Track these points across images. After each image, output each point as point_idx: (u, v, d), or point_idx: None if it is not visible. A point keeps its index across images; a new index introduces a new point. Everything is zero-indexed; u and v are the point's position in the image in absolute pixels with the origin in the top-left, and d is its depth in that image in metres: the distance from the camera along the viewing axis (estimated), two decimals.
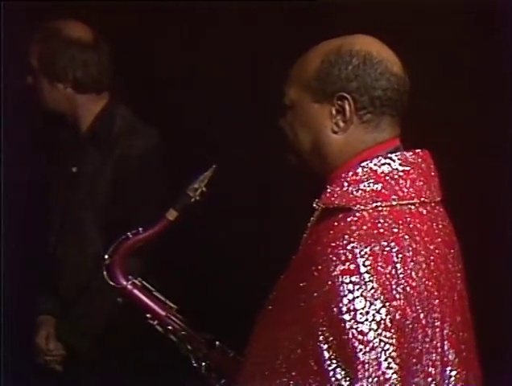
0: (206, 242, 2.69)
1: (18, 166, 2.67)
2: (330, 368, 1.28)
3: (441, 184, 1.46)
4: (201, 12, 2.66)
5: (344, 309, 1.27)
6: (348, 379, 1.27)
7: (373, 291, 1.28)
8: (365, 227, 1.32)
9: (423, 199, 1.39)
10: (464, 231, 1.50)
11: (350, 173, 1.39)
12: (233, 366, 1.67)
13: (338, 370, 1.28)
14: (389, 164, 1.39)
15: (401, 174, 1.39)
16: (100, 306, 2.28)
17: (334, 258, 1.30)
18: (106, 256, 1.78)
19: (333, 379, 1.28)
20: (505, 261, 2.14)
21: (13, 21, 2.44)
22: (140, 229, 1.77)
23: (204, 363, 1.72)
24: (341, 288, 1.28)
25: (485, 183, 2.19)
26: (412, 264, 1.33)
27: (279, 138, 1.50)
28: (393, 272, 1.31)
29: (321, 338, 1.29)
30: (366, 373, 1.26)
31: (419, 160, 1.42)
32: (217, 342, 1.73)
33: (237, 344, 1.62)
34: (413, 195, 1.38)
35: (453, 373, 1.38)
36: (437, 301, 1.36)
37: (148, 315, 1.77)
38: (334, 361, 1.28)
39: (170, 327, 1.75)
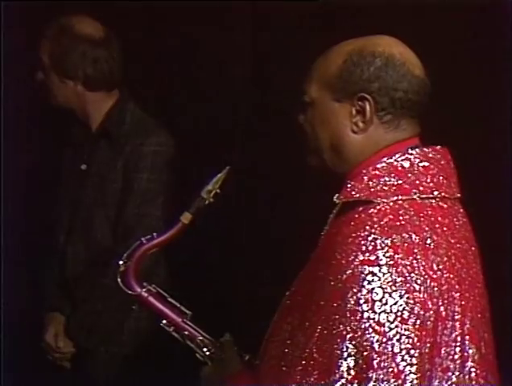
0: (220, 244, 2.68)
1: (26, 164, 2.68)
2: (337, 358, 1.28)
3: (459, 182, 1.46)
4: (209, 12, 2.66)
5: (362, 299, 1.28)
6: (352, 372, 1.27)
7: (391, 283, 1.28)
8: (386, 219, 1.33)
9: (443, 194, 1.40)
10: (480, 230, 1.50)
11: (370, 168, 1.40)
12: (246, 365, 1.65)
13: (343, 361, 1.27)
14: (409, 159, 1.40)
15: (421, 169, 1.40)
16: (109, 304, 2.27)
17: (354, 248, 1.31)
18: (121, 263, 1.77)
19: (337, 370, 1.27)
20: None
21: (13, 21, 2.44)
22: (154, 234, 1.76)
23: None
24: (360, 278, 1.28)
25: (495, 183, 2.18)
26: (433, 256, 1.33)
27: (297, 136, 1.51)
28: (414, 264, 1.31)
29: (333, 327, 1.29)
30: (382, 364, 1.26)
31: (439, 156, 1.43)
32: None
33: (251, 347, 1.62)
34: (433, 189, 1.39)
35: (473, 369, 1.37)
36: (458, 294, 1.36)
37: (164, 322, 1.75)
38: (343, 351, 1.28)
39: (186, 333, 1.74)
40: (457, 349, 1.35)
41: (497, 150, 2.19)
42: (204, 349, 1.72)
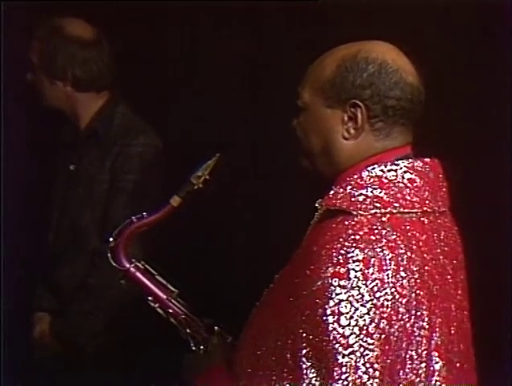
0: (208, 229, 2.70)
1: (15, 164, 2.68)
2: (304, 366, 1.31)
3: (450, 193, 1.45)
4: (204, 12, 2.64)
5: (329, 311, 1.29)
6: (319, 379, 1.30)
7: (360, 296, 1.30)
8: (361, 233, 1.33)
9: (425, 208, 1.39)
10: (472, 238, 1.50)
11: (355, 176, 1.40)
12: (230, 350, 1.67)
13: (312, 370, 1.30)
14: (395, 170, 1.39)
15: (406, 182, 1.39)
16: (96, 304, 2.29)
17: (326, 260, 1.32)
18: (111, 239, 1.80)
19: (305, 376, 1.31)
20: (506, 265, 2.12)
21: (13, 21, 2.44)
22: (144, 214, 1.79)
23: (202, 347, 1.73)
24: (329, 290, 1.30)
25: (493, 190, 2.16)
26: (404, 273, 1.33)
27: (290, 139, 1.51)
28: (384, 279, 1.31)
29: (303, 335, 1.31)
30: (343, 375, 1.28)
31: (427, 169, 1.42)
32: (216, 327, 1.74)
33: (236, 330, 1.64)
34: (415, 204, 1.38)
35: (438, 383, 1.38)
36: (426, 311, 1.36)
37: (150, 298, 1.79)
38: (310, 360, 1.31)
39: (170, 311, 1.76)
40: (423, 364, 1.36)
41: (498, 153, 2.15)
42: (187, 328, 1.75)
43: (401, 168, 1.40)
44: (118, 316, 2.32)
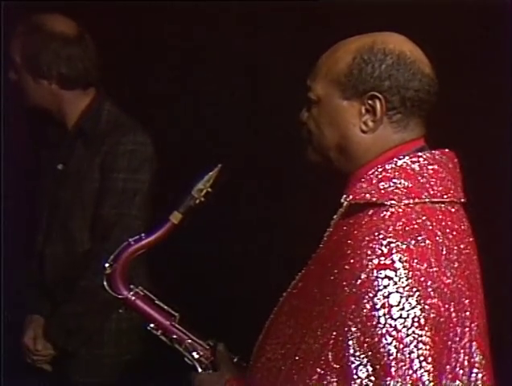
0: (209, 245, 2.64)
1: (3, 163, 2.60)
2: (353, 366, 1.25)
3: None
4: (196, 9, 2.60)
5: (379, 304, 1.24)
6: (373, 378, 1.24)
7: (408, 287, 1.26)
8: (400, 223, 1.30)
9: (452, 198, 1.38)
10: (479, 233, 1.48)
11: (380, 169, 1.37)
12: (238, 370, 1.62)
13: (361, 367, 1.25)
14: (418, 162, 1.37)
15: (430, 172, 1.37)
16: (88, 306, 2.22)
17: (369, 252, 1.27)
18: (107, 265, 1.70)
19: (356, 376, 1.25)
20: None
21: (13, 21, 2.34)
22: (142, 235, 1.70)
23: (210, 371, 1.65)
24: (376, 283, 1.25)
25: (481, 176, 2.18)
26: (446, 261, 1.31)
27: (294, 134, 1.47)
28: (428, 269, 1.28)
29: (348, 333, 1.26)
30: (399, 371, 1.24)
31: (446, 159, 1.41)
32: (220, 347, 1.66)
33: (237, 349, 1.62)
34: (443, 193, 1.36)
35: (479, 376, 1.36)
36: (467, 300, 1.34)
37: (152, 325, 1.69)
38: (359, 358, 1.25)
39: (175, 336, 1.68)
40: (466, 357, 1.33)
41: (499, 150, 2.18)
42: (194, 353, 1.67)
43: (423, 159, 1.38)
44: (112, 318, 2.27)
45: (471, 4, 2.14)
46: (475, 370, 1.35)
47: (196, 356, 1.66)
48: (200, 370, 1.66)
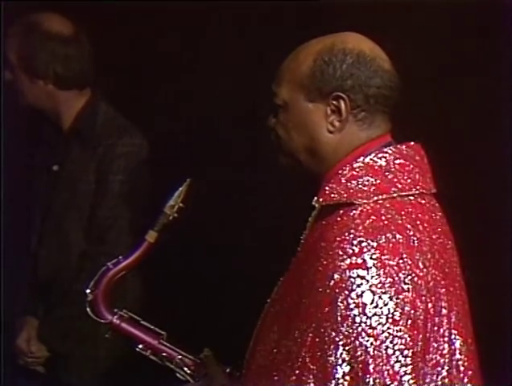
0: (190, 256, 2.64)
1: (14, 164, 2.57)
2: (330, 366, 1.26)
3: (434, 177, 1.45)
4: (195, 9, 2.59)
5: (353, 303, 1.26)
6: (348, 378, 1.26)
7: (381, 285, 1.27)
8: (369, 221, 1.31)
9: (421, 190, 1.39)
10: (459, 224, 1.49)
11: (347, 168, 1.38)
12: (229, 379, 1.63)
13: (338, 367, 1.26)
14: (384, 158, 1.39)
15: (397, 166, 1.38)
16: (83, 308, 2.18)
17: (340, 252, 1.29)
18: (88, 291, 1.71)
19: (332, 376, 1.26)
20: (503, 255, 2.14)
21: (13, 21, 2.32)
22: (120, 257, 1.71)
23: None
24: (349, 282, 1.27)
25: (480, 176, 2.18)
26: (418, 254, 1.33)
27: (268, 139, 1.48)
28: (400, 263, 1.30)
29: (325, 333, 1.27)
30: (377, 367, 1.25)
31: (413, 152, 1.42)
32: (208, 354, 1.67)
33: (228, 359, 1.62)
34: (411, 186, 1.38)
35: (460, 362, 1.37)
36: (443, 289, 1.36)
37: (140, 346, 1.70)
38: (336, 358, 1.26)
39: (164, 354, 1.69)
40: (446, 345, 1.35)
41: (499, 150, 2.18)
42: (185, 368, 1.68)
43: (390, 155, 1.39)
44: None
45: (471, 4, 2.14)
46: (456, 356, 1.36)
47: (188, 371, 1.67)
48: (192, 382, 1.68)
